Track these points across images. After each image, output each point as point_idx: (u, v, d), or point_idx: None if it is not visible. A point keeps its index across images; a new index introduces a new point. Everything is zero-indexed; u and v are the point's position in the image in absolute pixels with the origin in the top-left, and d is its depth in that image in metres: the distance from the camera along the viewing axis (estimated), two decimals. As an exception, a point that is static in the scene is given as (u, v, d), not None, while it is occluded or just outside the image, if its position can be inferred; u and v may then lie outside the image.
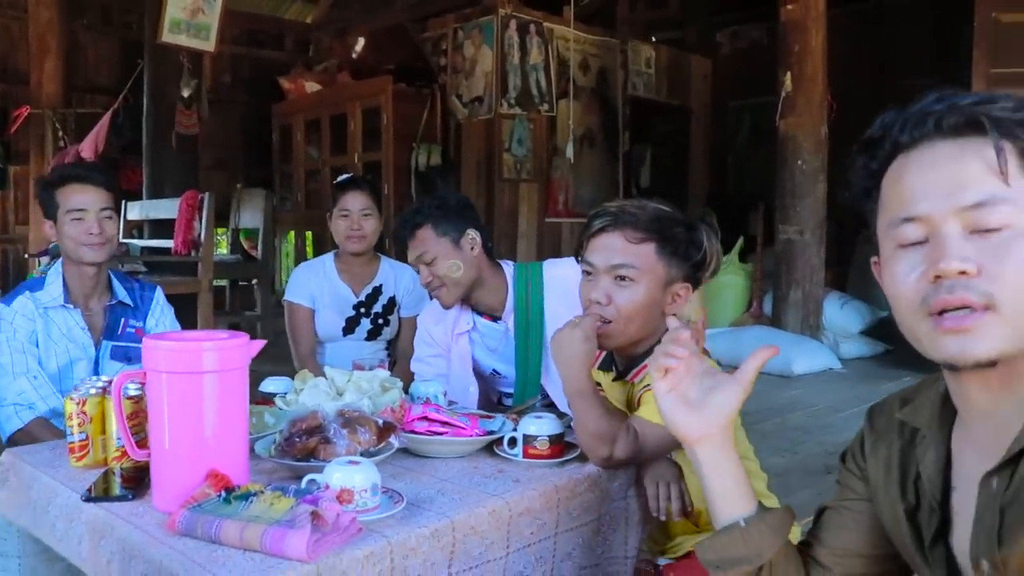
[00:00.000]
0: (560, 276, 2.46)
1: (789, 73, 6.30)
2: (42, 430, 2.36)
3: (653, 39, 9.58)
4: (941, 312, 0.92)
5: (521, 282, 2.52)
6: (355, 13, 9.40)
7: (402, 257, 3.12)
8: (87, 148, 7.03)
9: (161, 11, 6.29)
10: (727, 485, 1.21)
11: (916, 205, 0.95)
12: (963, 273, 0.91)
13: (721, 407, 1.20)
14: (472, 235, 2.46)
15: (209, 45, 6.59)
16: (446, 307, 2.50)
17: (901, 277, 0.97)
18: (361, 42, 9.24)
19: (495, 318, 2.54)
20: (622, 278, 1.78)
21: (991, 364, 0.92)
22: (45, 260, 6.21)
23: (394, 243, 2.60)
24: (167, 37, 6.36)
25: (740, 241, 7.67)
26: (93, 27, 9.12)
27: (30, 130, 7.79)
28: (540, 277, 2.53)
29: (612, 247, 1.79)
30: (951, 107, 0.95)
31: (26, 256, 7.54)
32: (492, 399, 2.68)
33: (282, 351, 3.22)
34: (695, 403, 1.21)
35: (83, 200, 2.51)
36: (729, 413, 1.20)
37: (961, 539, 1.02)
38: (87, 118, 7.81)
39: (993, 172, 0.92)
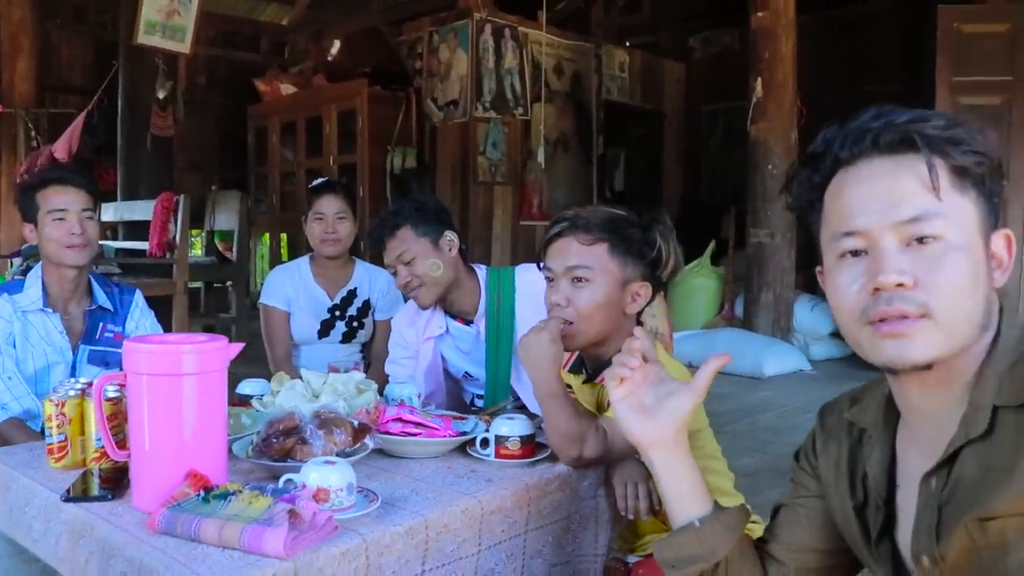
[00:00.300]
0: (531, 281, 2.49)
1: (760, 79, 6.38)
2: (15, 431, 2.37)
3: (627, 44, 9.65)
4: (880, 320, 0.98)
5: (493, 286, 2.56)
6: (331, 15, 9.40)
7: (377, 260, 3.16)
8: (60, 148, 6.99)
9: (136, 12, 6.28)
10: (682, 487, 1.26)
11: (855, 219, 1.01)
12: (900, 285, 0.97)
13: (674, 413, 1.24)
14: (450, 237, 2.50)
15: (184, 47, 6.59)
16: (423, 307, 2.52)
17: (843, 288, 1.02)
18: (337, 45, 9.24)
19: (467, 321, 2.58)
20: (578, 279, 1.84)
21: (927, 367, 0.98)
22: (17, 261, 6.18)
23: (370, 244, 2.61)
24: (142, 39, 6.35)
25: (712, 244, 7.75)
26: (66, 27, 9.06)
27: (2, 130, 7.75)
28: (512, 281, 2.57)
29: (567, 251, 1.86)
30: (887, 125, 1.01)
31: (-2, 257, 7.48)
32: (464, 401, 2.71)
33: (257, 353, 3.24)
34: (649, 409, 1.25)
35: (64, 201, 2.51)
36: (681, 418, 1.24)
37: (905, 535, 1.07)
38: (60, 118, 7.77)
39: (926, 188, 0.98)
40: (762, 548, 1.30)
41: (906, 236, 0.98)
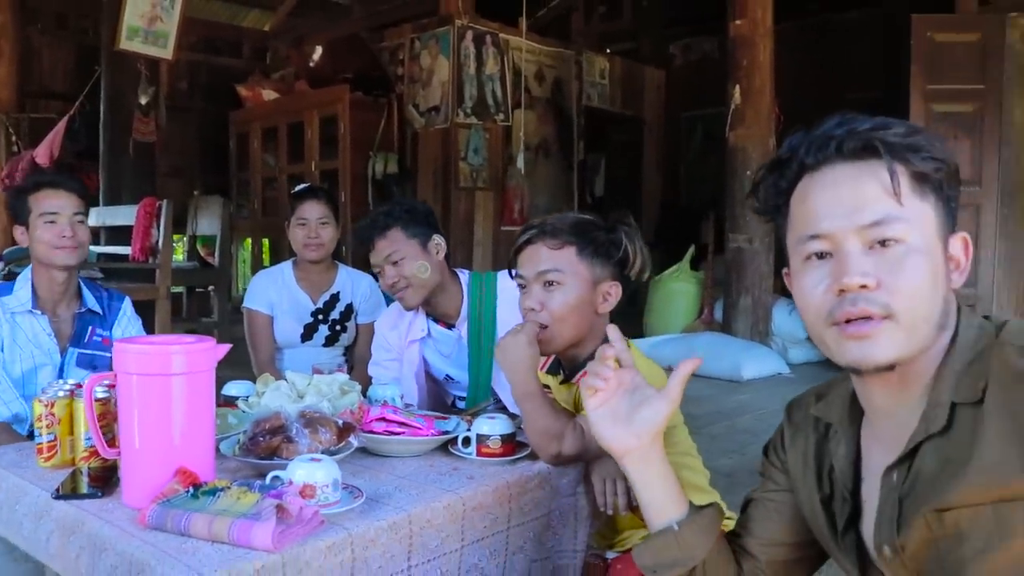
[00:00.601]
0: (513, 287, 2.54)
1: (738, 86, 6.45)
2: (2, 435, 2.39)
3: (608, 51, 9.73)
4: (846, 321, 1.02)
5: (476, 290, 2.60)
6: (312, 22, 9.44)
7: (359, 264, 3.19)
8: (42, 154, 6.98)
9: (119, 18, 6.28)
10: (657, 492, 1.28)
11: (820, 223, 1.05)
12: (864, 287, 1.01)
13: (648, 421, 1.26)
14: (438, 240, 2.54)
15: (167, 53, 6.59)
16: (409, 308, 2.55)
17: (809, 289, 1.07)
18: (319, 51, 9.27)
19: (449, 325, 2.62)
20: (549, 283, 1.90)
21: (890, 367, 1.03)
22: (-1, 265, 6.17)
23: (357, 244, 2.62)
24: (125, 44, 6.34)
25: (692, 249, 7.82)
26: (47, 32, 9.06)
27: (-17, 135, 7.73)
28: (494, 287, 2.61)
29: (536, 256, 1.92)
30: (850, 132, 1.05)
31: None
32: (446, 403, 2.75)
33: (241, 357, 3.25)
34: (624, 418, 1.27)
35: (56, 204, 2.55)
36: (656, 426, 1.27)
37: (869, 526, 1.12)
38: (41, 123, 7.75)
39: (888, 193, 1.02)
40: (734, 542, 1.34)
41: (869, 239, 1.02)
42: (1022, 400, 0.96)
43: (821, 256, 1.06)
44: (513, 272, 2.00)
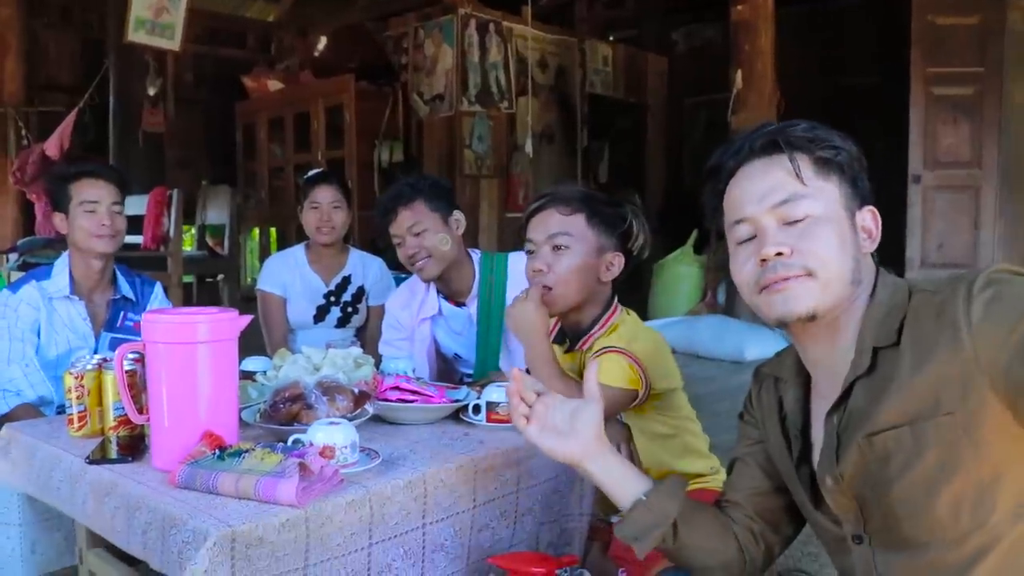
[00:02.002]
0: (523, 269, 2.61)
1: (740, 71, 6.49)
2: (28, 416, 2.46)
3: (610, 38, 9.77)
4: (769, 285, 1.19)
5: (486, 269, 2.67)
6: (316, 12, 9.47)
7: (366, 249, 3.27)
8: (52, 147, 7.04)
9: (126, 11, 6.35)
10: (618, 479, 1.41)
11: (743, 209, 1.25)
12: (779, 254, 1.19)
13: (587, 425, 1.40)
14: (458, 216, 2.62)
15: (174, 44, 6.66)
16: (426, 280, 2.62)
17: (740, 266, 1.25)
18: (323, 41, 9.34)
19: (460, 303, 2.70)
20: (558, 247, 2.00)
21: (811, 318, 1.19)
22: (13, 257, 6.26)
23: (380, 213, 2.63)
24: (132, 36, 6.41)
25: (695, 234, 7.87)
26: (53, 25, 9.11)
27: (-9, 129, 7.79)
28: (505, 267, 2.68)
29: (548, 221, 2.02)
30: (760, 134, 1.26)
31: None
32: (454, 380, 2.83)
33: (253, 341, 3.34)
34: (565, 430, 1.41)
35: (96, 193, 2.63)
36: (596, 426, 1.41)
37: (817, 464, 1.27)
38: (49, 116, 7.80)
39: (792, 176, 1.21)
40: (724, 498, 1.46)
41: (782, 216, 1.21)
42: (928, 330, 1.12)
43: (748, 240, 1.24)
44: (523, 239, 2.09)
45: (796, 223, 1.19)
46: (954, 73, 6.06)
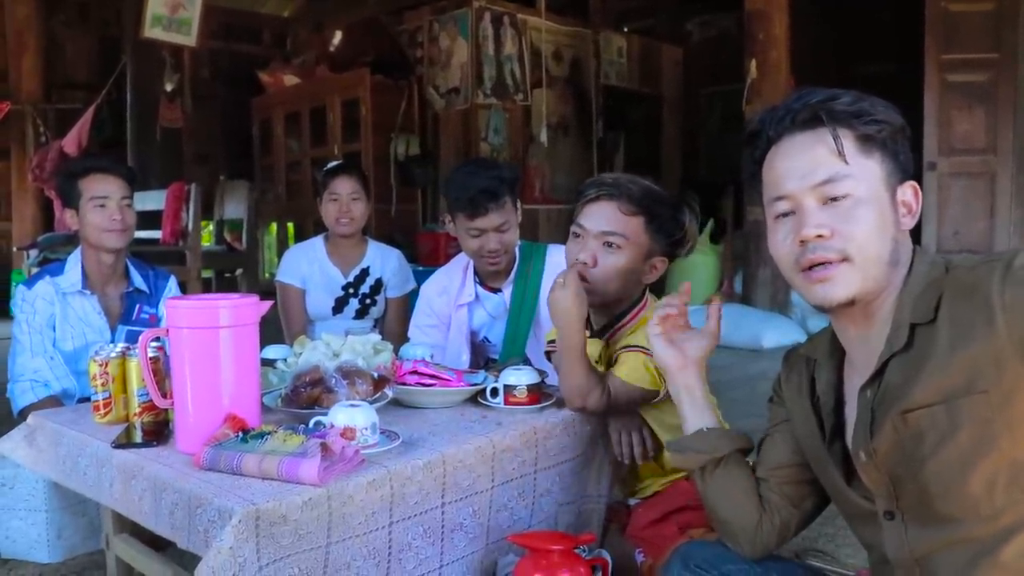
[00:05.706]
0: (560, 263, 2.52)
1: (754, 61, 6.48)
2: (52, 406, 2.52)
3: (625, 29, 9.76)
4: (810, 267, 1.20)
5: (526, 257, 2.68)
6: (331, 7, 9.50)
7: (385, 241, 3.27)
8: (70, 143, 7.12)
9: (142, 7, 6.40)
10: (694, 405, 1.55)
11: (783, 185, 1.23)
12: (820, 236, 1.18)
13: (696, 347, 1.56)
14: (518, 207, 2.63)
15: (191, 40, 6.71)
16: (500, 272, 2.63)
17: (779, 242, 1.25)
18: (338, 35, 9.36)
19: (495, 289, 2.71)
20: (610, 244, 1.97)
21: (851, 303, 1.20)
22: (34, 253, 6.34)
23: (463, 204, 2.52)
24: (149, 32, 6.47)
25: (711, 223, 7.87)
26: (70, 24, 9.19)
27: (11, 126, 7.87)
28: (543, 258, 2.68)
29: (606, 215, 1.98)
30: (803, 105, 1.22)
31: (15, 249, 7.61)
32: (479, 363, 2.85)
33: (271, 336, 3.37)
34: (677, 343, 1.56)
35: (106, 189, 2.66)
36: (701, 352, 1.56)
37: (851, 438, 1.28)
38: (67, 113, 7.89)
39: (835, 154, 1.19)
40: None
41: (823, 196, 1.19)
42: (963, 309, 1.12)
43: (787, 215, 1.23)
44: (573, 220, 2.05)
45: (836, 203, 1.18)
46: (969, 59, 6.03)
